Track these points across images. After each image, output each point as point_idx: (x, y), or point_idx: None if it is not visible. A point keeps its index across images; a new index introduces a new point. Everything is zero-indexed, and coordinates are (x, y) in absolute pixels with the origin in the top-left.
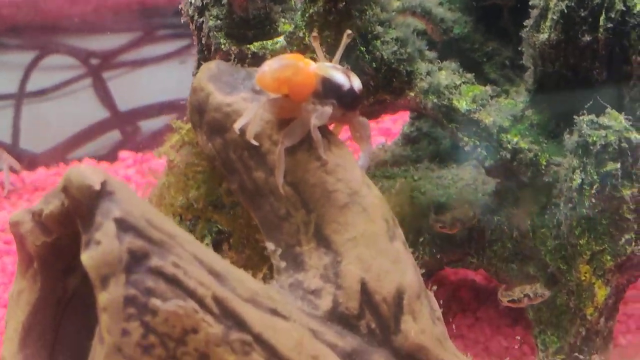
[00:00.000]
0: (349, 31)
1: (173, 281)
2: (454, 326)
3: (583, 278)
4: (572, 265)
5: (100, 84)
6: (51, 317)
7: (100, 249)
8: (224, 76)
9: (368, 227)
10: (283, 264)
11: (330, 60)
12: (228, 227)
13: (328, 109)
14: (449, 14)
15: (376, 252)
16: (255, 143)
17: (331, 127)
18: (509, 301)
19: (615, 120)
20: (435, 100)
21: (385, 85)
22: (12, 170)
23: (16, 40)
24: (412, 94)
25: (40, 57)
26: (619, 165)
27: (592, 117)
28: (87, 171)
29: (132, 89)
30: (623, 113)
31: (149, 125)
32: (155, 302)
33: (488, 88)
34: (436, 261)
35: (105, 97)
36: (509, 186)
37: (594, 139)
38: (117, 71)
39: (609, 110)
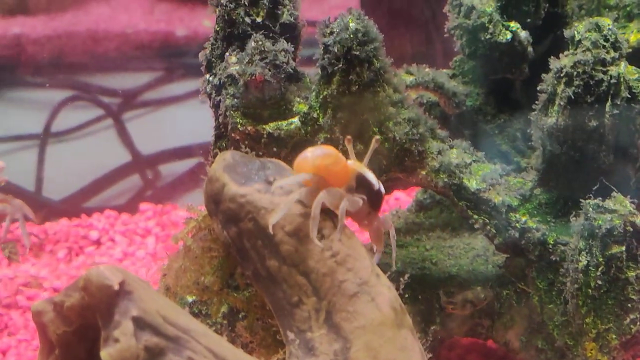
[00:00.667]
0: (377, 137)
1: None
2: None
3: (589, 355)
4: (578, 341)
5: (121, 125)
6: None
7: (118, 346)
8: (238, 167)
9: (376, 315)
10: (295, 350)
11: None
12: (243, 308)
13: (359, 200)
14: (461, 88)
15: (384, 340)
16: (271, 232)
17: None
18: (452, 308)
19: (621, 204)
20: (446, 179)
21: (398, 164)
22: (27, 219)
23: (39, 78)
24: (423, 172)
25: (67, 100)
26: (624, 248)
27: (598, 201)
28: (106, 271)
29: (153, 129)
30: (629, 196)
31: (169, 169)
32: None
33: (498, 167)
34: (447, 332)
35: (125, 139)
36: (518, 262)
37: (600, 222)
38: (138, 111)
39: (614, 194)
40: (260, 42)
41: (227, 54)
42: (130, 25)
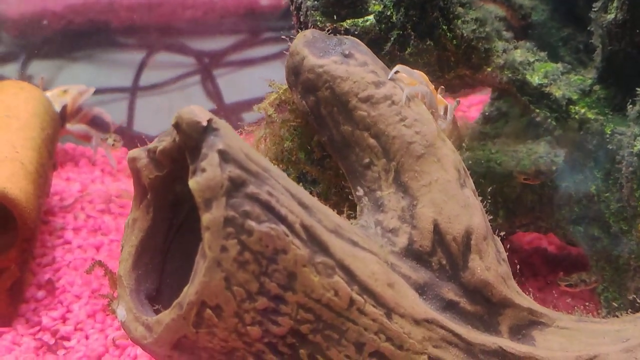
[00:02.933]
0: (458, 99)
1: (267, 207)
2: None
3: None
4: (632, 225)
5: (209, 79)
6: (161, 244)
7: (205, 175)
8: (317, 42)
9: (441, 175)
10: (365, 207)
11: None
12: (318, 177)
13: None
14: (527, 1)
15: (448, 197)
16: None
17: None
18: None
19: None
20: (510, 75)
21: (465, 61)
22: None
23: (132, 39)
24: (489, 69)
25: (149, 55)
26: None
27: None
28: (195, 110)
29: (237, 86)
30: None
31: (252, 117)
32: (251, 223)
33: (559, 65)
34: (510, 224)
35: (212, 91)
36: (577, 155)
37: None
38: (223, 70)
39: None
40: None
41: None
42: None
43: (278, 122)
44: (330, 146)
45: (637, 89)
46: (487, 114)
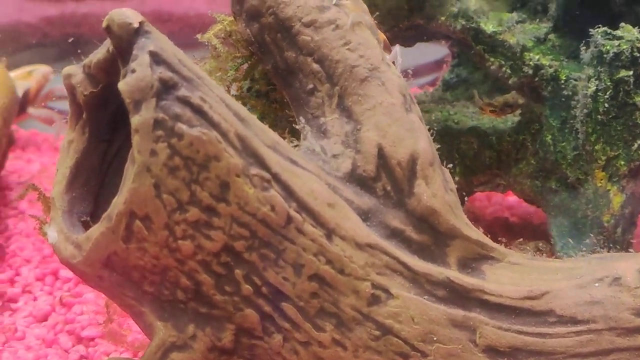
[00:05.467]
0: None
1: (199, 112)
2: None
3: (599, 184)
4: (589, 173)
5: None
6: (97, 167)
7: (134, 76)
8: None
9: (386, 98)
10: (309, 133)
11: None
12: (264, 110)
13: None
14: None
15: (392, 120)
16: None
17: None
18: (490, 111)
19: (629, 32)
20: (464, 23)
21: (419, 9)
22: None
23: None
24: (442, 18)
25: None
26: (631, 72)
27: (606, 28)
28: (127, 12)
29: None
30: (637, 28)
31: None
32: (182, 126)
33: (514, 15)
34: (468, 183)
35: None
36: (532, 106)
37: (608, 48)
38: None
39: (622, 24)
40: None
41: None
42: (193, 8)
43: (224, 54)
44: (274, 74)
45: (590, 30)
46: (447, 80)
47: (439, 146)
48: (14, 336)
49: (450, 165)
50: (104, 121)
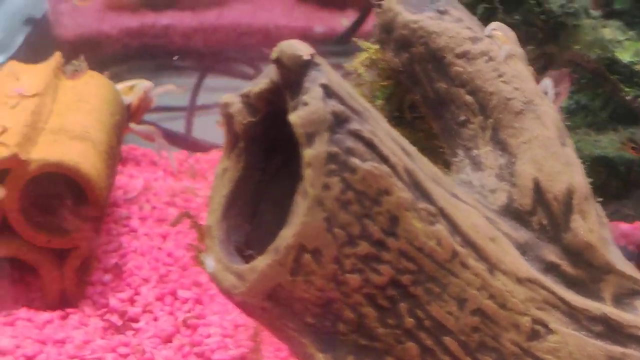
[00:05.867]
0: None
1: (370, 145)
2: None
3: None
4: None
5: None
6: (252, 194)
7: (307, 109)
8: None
9: (541, 131)
10: (467, 166)
11: None
12: (409, 138)
13: None
14: None
15: (548, 154)
16: None
17: None
18: (632, 148)
19: None
20: (599, 52)
21: (552, 38)
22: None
23: (187, 63)
24: (577, 46)
25: (202, 78)
26: None
27: None
28: (296, 43)
29: None
30: None
31: None
32: (355, 161)
33: None
34: None
35: None
36: None
37: None
38: None
39: None
40: None
41: None
42: (271, 21)
43: (369, 81)
44: (423, 105)
45: None
46: (566, 107)
47: None
48: (143, 357)
49: None
50: (260, 150)
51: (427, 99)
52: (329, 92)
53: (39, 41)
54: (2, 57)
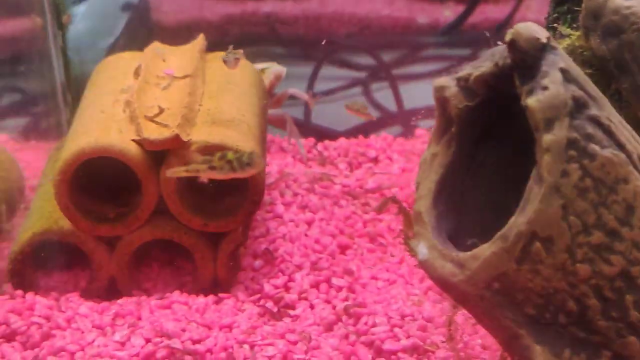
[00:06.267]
0: None
1: (608, 132)
2: None
3: None
4: None
5: (369, 91)
6: (460, 182)
7: (547, 93)
8: None
9: None
10: None
11: None
12: None
13: None
14: None
15: None
16: None
17: None
18: None
19: None
20: None
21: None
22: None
23: (299, 51)
24: None
25: (319, 67)
26: None
27: None
28: (534, 26)
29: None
30: None
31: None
32: (594, 147)
33: None
34: None
35: (372, 100)
36: None
37: None
38: (382, 84)
39: None
40: None
41: None
42: (373, 11)
43: None
44: (632, 94)
45: None
46: None
47: None
48: (310, 345)
49: None
50: (471, 137)
51: (638, 87)
52: (567, 76)
53: (139, 27)
54: (105, 43)
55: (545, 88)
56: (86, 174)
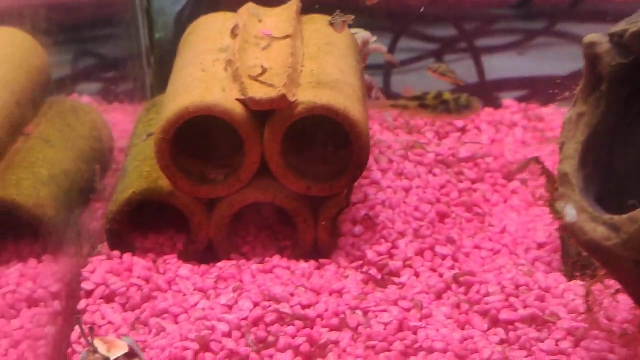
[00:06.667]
0: None
1: None
2: None
3: None
4: None
5: (443, 63)
6: (607, 144)
7: None
8: None
9: None
10: None
11: None
12: None
13: None
14: None
15: None
16: None
17: None
18: None
19: None
20: None
21: None
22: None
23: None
24: None
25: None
26: None
27: None
28: None
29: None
30: None
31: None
32: None
33: None
34: None
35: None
36: None
37: None
38: (455, 56)
39: None
40: None
41: None
42: None
43: None
44: None
45: None
46: None
47: None
48: (422, 313)
49: None
50: (621, 96)
51: None
52: None
53: None
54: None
55: None
56: (188, 133)
